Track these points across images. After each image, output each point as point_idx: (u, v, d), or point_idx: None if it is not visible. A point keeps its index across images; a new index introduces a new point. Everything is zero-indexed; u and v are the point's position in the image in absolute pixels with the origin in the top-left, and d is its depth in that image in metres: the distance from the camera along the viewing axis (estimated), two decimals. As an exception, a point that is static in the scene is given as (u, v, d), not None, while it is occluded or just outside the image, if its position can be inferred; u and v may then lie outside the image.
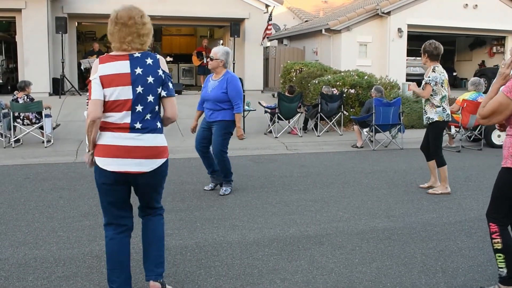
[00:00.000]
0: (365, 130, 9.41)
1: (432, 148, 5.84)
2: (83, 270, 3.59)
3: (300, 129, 10.46)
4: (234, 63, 15.02)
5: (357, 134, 9.42)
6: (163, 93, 2.89)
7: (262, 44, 16.00)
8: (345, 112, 10.51)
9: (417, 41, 16.65)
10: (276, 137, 9.87)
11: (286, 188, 6.08)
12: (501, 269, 3.09)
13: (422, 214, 5.03)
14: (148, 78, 2.81)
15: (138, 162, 2.81)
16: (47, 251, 3.94)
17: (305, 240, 4.23)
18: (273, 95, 13.67)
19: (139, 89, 2.79)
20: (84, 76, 15.94)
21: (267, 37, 16.66)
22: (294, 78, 13.51)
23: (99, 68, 2.79)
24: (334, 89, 10.74)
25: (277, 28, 21.26)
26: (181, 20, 16.32)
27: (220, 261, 3.77)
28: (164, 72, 2.88)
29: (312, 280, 3.45)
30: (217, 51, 5.51)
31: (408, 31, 15.80)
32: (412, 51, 16.70)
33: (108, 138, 2.81)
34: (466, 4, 16.25)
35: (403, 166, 7.50)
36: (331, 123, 10.37)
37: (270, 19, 15.95)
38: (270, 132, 10.19)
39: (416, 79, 16.81)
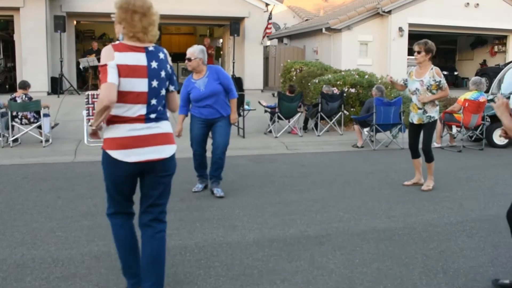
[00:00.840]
0: (365, 129, 9.38)
1: (426, 145, 5.93)
2: (82, 270, 3.56)
3: (300, 128, 10.44)
4: (234, 62, 15.01)
5: (358, 134, 9.39)
6: (171, 88, 2.96)
7: (262, 43, 15.99)
8: (345, 111, 10.48)
9: (418, 40, 16.63)
10: (276, 137, 9.84)
11: (286, 188, 6.05)
12: None
13: (423, 214, 5.01)
14: (161, 73, 2.85)
15: (158, 149, 2.84)
16: (45, 252, 3.92)
17: (305, 241, 4.20)
18: (273, 95, 13.65)
19: (155, 83, 2.81)
20: (83, 75, 15.91)
21: (267, 36, 16.65)
22: (294, 77, 13.49)
23: (115, 55, 2.72)
24: (335, 88, 10.71)
25: (277, 27, 21.24)
26: (181, 18, 16.29)
27: (219, 261, 3.74)
28: (171, 67, 2.96)
29: (312, 280, 3.42)
30: (193, 51, 5.50)
31: (409, 30, 15.79)
32: (413, 50, 16.68)
33: (123, 131, 2.77)
34: (468, 3, 16.23)
35: (404, 166, 7.47)
36: (331, 123, 10.34)
37: (270, 18, 15.93)
38: (270, 131, 10.16)
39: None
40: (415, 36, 16.07)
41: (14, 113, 8.58)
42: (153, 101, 2.82)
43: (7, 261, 3.71)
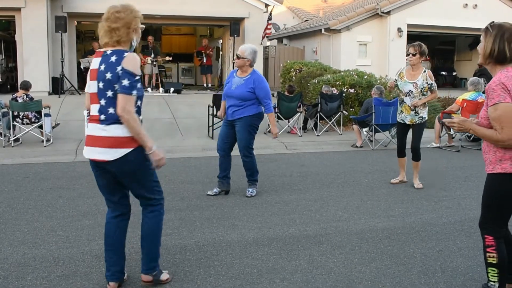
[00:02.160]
0: (364, 129, 9.41)
1: (417, 144, 6.02)
2: (82, 269, 3.59)
3: (300, 128, 10.46)
4: (233, 63, 15.01)
5: (357, 134, 9.42)
6: (118, 90, 2.93)
7: (261, 44, 16.01)
8: (344, 111, 10.50)
9: (417, 41, 16.65)
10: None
11: (285, 188, 6.08)
12: (492, 283, 2.92)
13: (422, 213, 5.03)
14: (106, 75, 2.93)
15: (102, 151, 2.97)
16: (46, 251, 3.94)
17: (305, 240, 4.23)
18: (273, 95, 13.65)
19: (100, 85, 2.97)
20: (83, 75, 15.91)
21: (267, 37, 16.67)
22: (293, 77, 13.50)
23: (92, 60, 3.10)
24: (334, 88, 10.73)
25: (276, 28, 21.24)
26: (181, 19, 16.33)
27: (219, 260, 3.77)
28: (123, 69, 2.89)
29: (311, 279, 3.44)
30: (245, 49, 5.45)
31: (408, 31, 15.80)
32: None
33: (88, 129, 3.09)
34: (466, 4, 16.25)
35: (403, 165, 7.49)
36: (330, 123, 10.36)
37: (269, 19, 15.96)
38: (270, 131, 10.17)
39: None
40: (414, 36, 16.08)
41: (16, 113, 8.60)
42: (102, 102, 2.97)
43: (9, 260, 3.73)
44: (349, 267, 3.66)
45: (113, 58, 2.93)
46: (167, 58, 15.74)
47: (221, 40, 18.69)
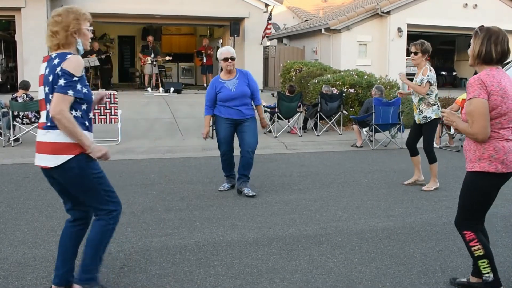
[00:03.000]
0: (364, 129, 9.42)
1: (426, 145, 5.98)
2: (82, 269, 3.58)
3: (300, 128, 10.46)
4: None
5: (357, 134, 9.42)
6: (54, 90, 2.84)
7: (261, 44, 16.01)
8: (344, 111, 10.51)
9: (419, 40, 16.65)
10: (276, 137, 9.87)
11: (285, 188, 6.08)
12: (487, 275, 2.99)
13: (422, 213, 5.04)
14: (49, 78, 2.89)
15: (44, 157, 2.92)
16: (46, 250, 3.94)
17: (305, 240, 4.23)
18: (273, 95, 13.68)
19: (46, 89, 2.91)
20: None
21: (267, 37, 16.66)
22: (293, 77, 13.51)
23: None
24: (334, 88, 10.74)
25: (276, 28, 21.25)
26: (181, 19, 16.32)
27: (219, 260, 3.77)
28: (62, 69, 2.81)
29: (311, 279, 3.44)
30: (233, 51, 5.68)
31: (408, 31, 15.81)
32: (410, 51, 16.68)
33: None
34: (466, 4, 16.26)
35: (403, 165, 7.50)
36: (330, 123, 10.37)
37: (269, 19, 15.95)
38: (270, 131, 10.18)
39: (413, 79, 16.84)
40: (414, 36, 16.09)
41: (16, 113, 8.61)
42: (48, 107, 2.90)
43: (9, 260, 3.73)
44: (349, 267, 3.66)
45: (56, 61, 2.86)
46: (167, 58, 15.74)
47: (221, 40, 18.69)
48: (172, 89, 14.35)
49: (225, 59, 5.55)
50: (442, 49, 21.25)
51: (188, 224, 4.62)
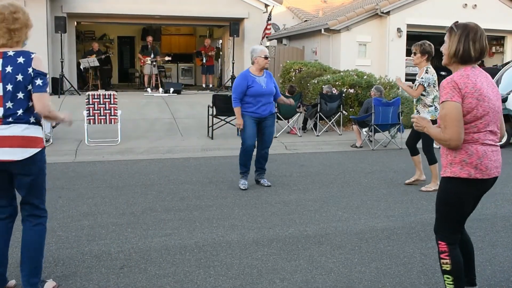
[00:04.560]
0: (364, 130, 9.42)
1: (424, 146, 5.99)
2: (82, 269, 3.59)
3: (300, 129, 10.46)
4: (233, 63, 15.03)
5: (356, 134, 9.42)
6: (32, 90, 2.97)
7: (261, 44, 15.99)
8: (344, 112, 10.51)
9: (416, 41, 16.60)
10: (276, 137, 9.84)
11: (285, 188, 6.08)
12: None
13: (421, 213, 5.04)
14: (17, 76, 2.93)
15: (8, 151, 2.94)
16: (46, 251, 3.89)
17: (304, 240, 4.23)
18: (273, 95, 13.66)
19: (9, 87, 2.93)
20: (83, 76, 15.94)
21: (267, 37, 16.66)
22: (293, 78, 13.51)
23: None
24: (334, 89, 10.74)
25: (276, 28, 21.24)
26: (180, 19, 16.31)
27: (219, 260, 3.77)
28: (34, 70, 2.95)
29: (311, 279, 3.45)
30: (268, 51, 6.11)
31: (407, 31, 15.80)
32: (412, 51, 16.67)
33: None
34: (466, 4, 16.26)
35: (402, 165, 7.50)
36: (330, 123, 10.37)
37: (269, 19, 15.95)
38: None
39: (415, 79, 16.84)
40: (414, 37, 16.09)
41: None
42: (9, 105, 2.93)
43: (8, 260, 3.72)
44: (349, 267, 3.66)
45: (21, 60, 2.93)
46: (167, 58, 15.74)
47: (221, 41, 18.70)
48: (171, 90, 14.35)
49: (266, 57, 5.92)
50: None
51: (188, 225, 4.62)
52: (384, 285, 3.37)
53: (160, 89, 14.54)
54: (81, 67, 14.92)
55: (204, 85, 16.55)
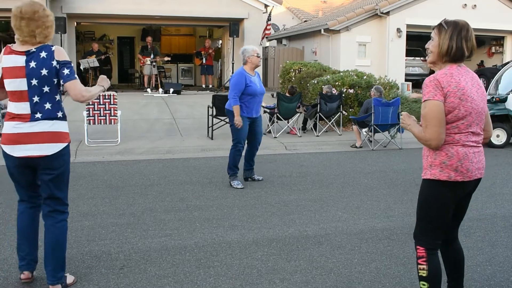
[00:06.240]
0: (364, 130, 9.42)
1: None
2: (82, 270, 3.59)
3: (299, 129, 10.47)
4: (233, 63, 15.03)
5: (356, 134, 9.42)
6: (61, 81, 3.08)
7: (261, 44, 16.01)
8: (344, 112, 10.51)
9: (416, 41, 16.64)
10: (275, 137, 9.87)
11: (285, 188, 6.08)
12: None
13: (421, 214, 5.03)
14: (42, 71, 3.00)
15: (37, 147, 3.03)
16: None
17: (304, 240, 4.23)
18: (272, 95, 13.67)
19: (34, 82, 3.01)
20: (83, 76, 15.93)
21: (266, 37, 16.68)
22: (293, 78, 13.52)
23: (2, 58, 3.08)
24: (333, 89, 10.74)
25: (276, 28, 21.26)
26: (180, 20, 16.33)
27: (219, 261, 3.77)
28: (58, 62, 3.04)
29: (311, 280, 3.45)
30: (258, 49, 6.12)
31: (407, 31, 15.82)
32: (411, 51, 16.69)
33: (9, 127, 3.06)
34: (465, 4, 16.28)
35: (402, 166, 7.51)
36: (330, 123, 10.37)
37: (269, 19, 15.96)
38: (269, 132, 10.19)
39: (415, 79, 16.85)
40: (413, 37, 16.14)
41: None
42: (36, 99, 3.02)
43: (9, 261, 3.73)
44: (349, 268, 3.66)
45: (43, 54, 3.02)
46: (166, 59, 15.74)
47: (220, 41, 18.71)
48: (171, 90, 14.36)
49: (258, 56, 5.93)
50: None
51: (188, 225, 4.62)
52: (384, 285, 3.37)
53: (160, 90, 14.55)
54: (81, 67, 14.92)
55: (204, 86, 16.56)
